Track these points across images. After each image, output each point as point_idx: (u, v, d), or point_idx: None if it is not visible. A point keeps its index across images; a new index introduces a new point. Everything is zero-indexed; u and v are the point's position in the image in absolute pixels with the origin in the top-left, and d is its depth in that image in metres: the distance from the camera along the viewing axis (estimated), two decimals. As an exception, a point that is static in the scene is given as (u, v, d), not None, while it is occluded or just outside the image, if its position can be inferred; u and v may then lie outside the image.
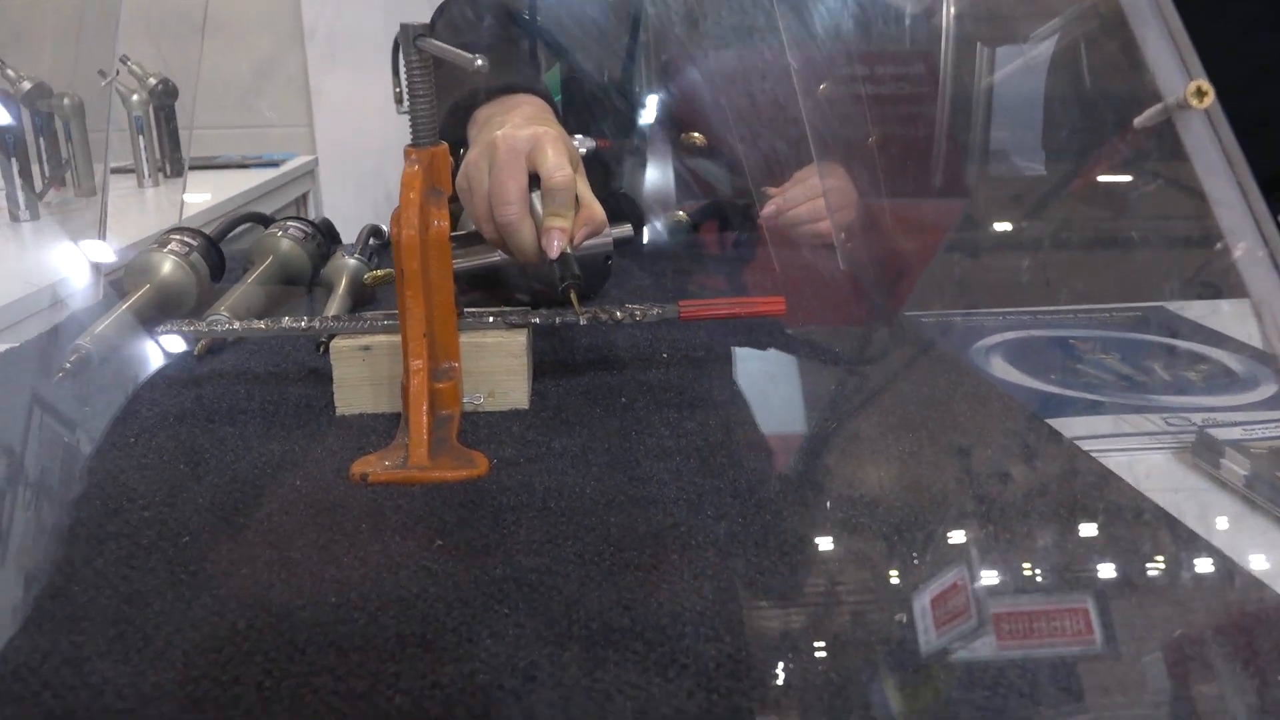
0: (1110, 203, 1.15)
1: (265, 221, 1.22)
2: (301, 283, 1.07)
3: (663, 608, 0.52)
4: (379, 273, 0.93)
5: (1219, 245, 0.62)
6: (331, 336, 0.89)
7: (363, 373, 0.77)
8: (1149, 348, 0.92)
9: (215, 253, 1.05)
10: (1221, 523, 0.58)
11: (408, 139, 0.73)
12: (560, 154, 0.81)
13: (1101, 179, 1.21)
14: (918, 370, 0.82)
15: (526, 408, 0.78)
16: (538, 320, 0.79)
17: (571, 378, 0.84)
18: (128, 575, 0.56)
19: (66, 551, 0.58)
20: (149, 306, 0.95)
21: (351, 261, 1.02)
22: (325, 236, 1.12)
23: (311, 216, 1.61)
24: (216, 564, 0.57)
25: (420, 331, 0.70)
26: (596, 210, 0.85)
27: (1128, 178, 1.17)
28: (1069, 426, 0.72)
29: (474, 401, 0.77)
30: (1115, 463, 0.65)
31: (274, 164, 2.09)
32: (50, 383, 0.83)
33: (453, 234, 1.00)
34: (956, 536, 0.57)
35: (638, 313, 0.80)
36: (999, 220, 1.15)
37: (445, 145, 0.75)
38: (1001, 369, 0.85)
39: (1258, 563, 0.54)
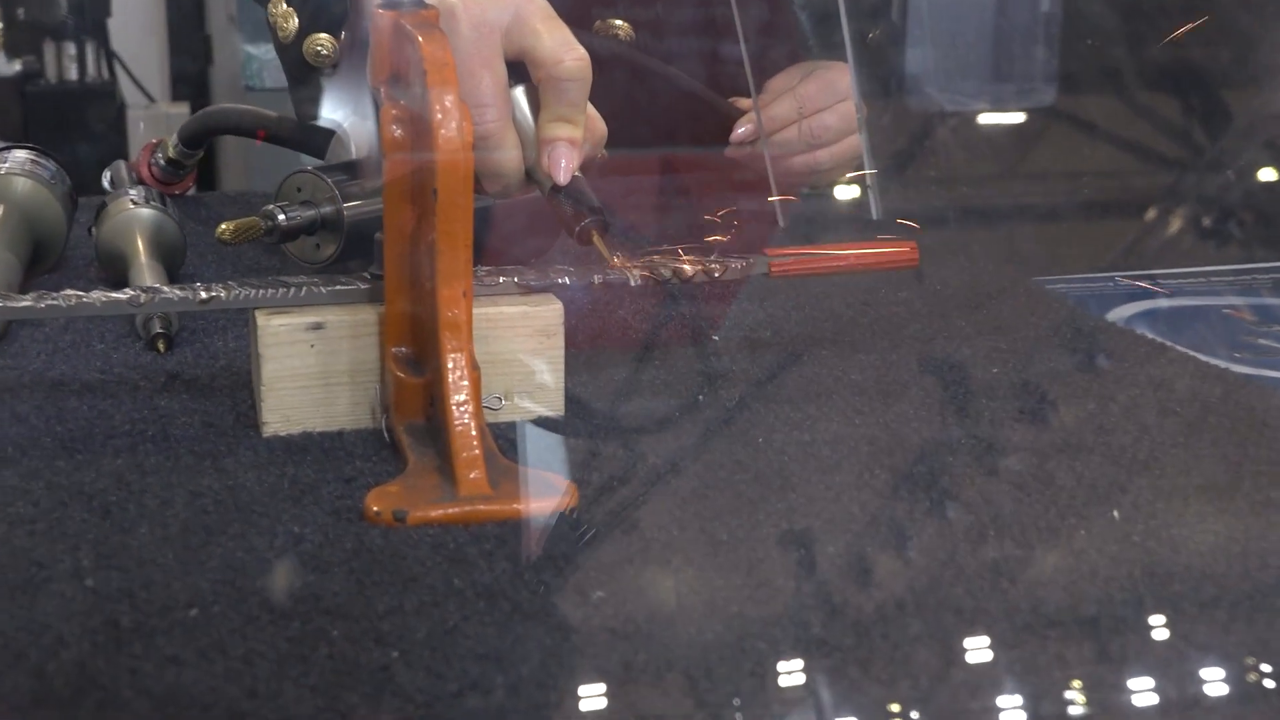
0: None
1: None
2: (55, 246, 1.02)
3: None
4: (242, 221, 0.91)
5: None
6: (170, 327, 0.88)
7: (310, 366, 0.76)
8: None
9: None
10: None
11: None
12: (559, 28, 0.83)
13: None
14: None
15: (563, 414, 0.80)
16: (567, 280, 0.82)
17: (597, 368, 0.86)
18: (179, 679, 0.54)
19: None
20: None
21: (146, 211, 0.99)
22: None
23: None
24: (289, 655, 0.56)
25: (460, 290, 0.71)
26: (598, 120, 0.88)
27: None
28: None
29: (487, 408, 0.78)
30: None
31: None
32: None
33: (326, 164, 1.00)
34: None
35: (715, 267, 0.84)
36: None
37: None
38: (1167, 344, 0.96)
39: None
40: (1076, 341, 0.93)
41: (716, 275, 0.84)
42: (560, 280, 0.82)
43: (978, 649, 0.57)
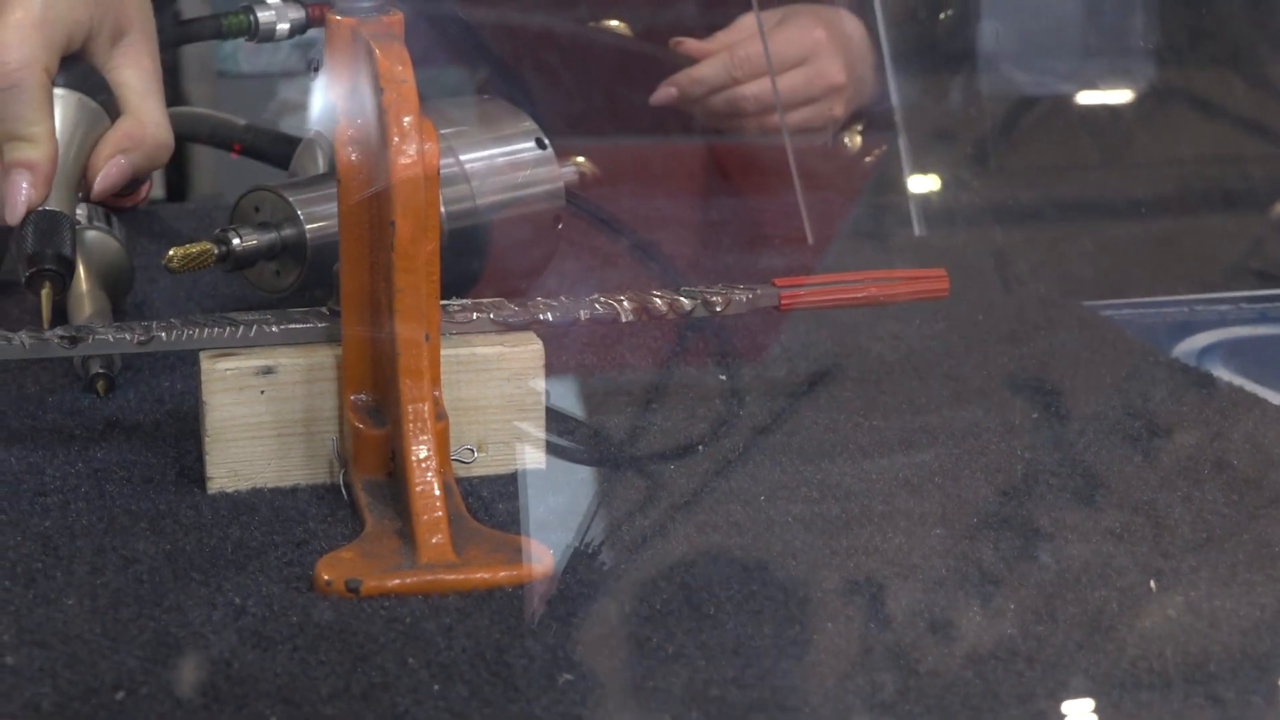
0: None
1: None
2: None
3: None
4: (192, 248, 0.95)
5: None
6: (112, 366, 0.92)
7: (260, 415, 0.80)
8: None
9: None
10: None
11: None
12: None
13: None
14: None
15: (543, 468, 0.84)
16: (549, 317, 0.85)
17: (584, 415, 0.90)
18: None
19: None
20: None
21: (89, 233, 1.03)
22: None
23: None
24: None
25: (421, 332, 0.75)
26: (149, 122, 0.87)
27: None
28: None
29: (458, 460, 0.82)
30: None
31: None
32: None
33: (290, 179, 1.04)
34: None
35: (717, 301, 0.87)
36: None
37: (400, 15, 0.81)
38: (1239, 384, 0.99)
39: None
40: (1131, 384, 0.95)
41: (719, 309, 0.87)
42: (542, 316, 0.85)
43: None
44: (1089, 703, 0.63)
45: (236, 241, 0.93)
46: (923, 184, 1.22)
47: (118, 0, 0.86)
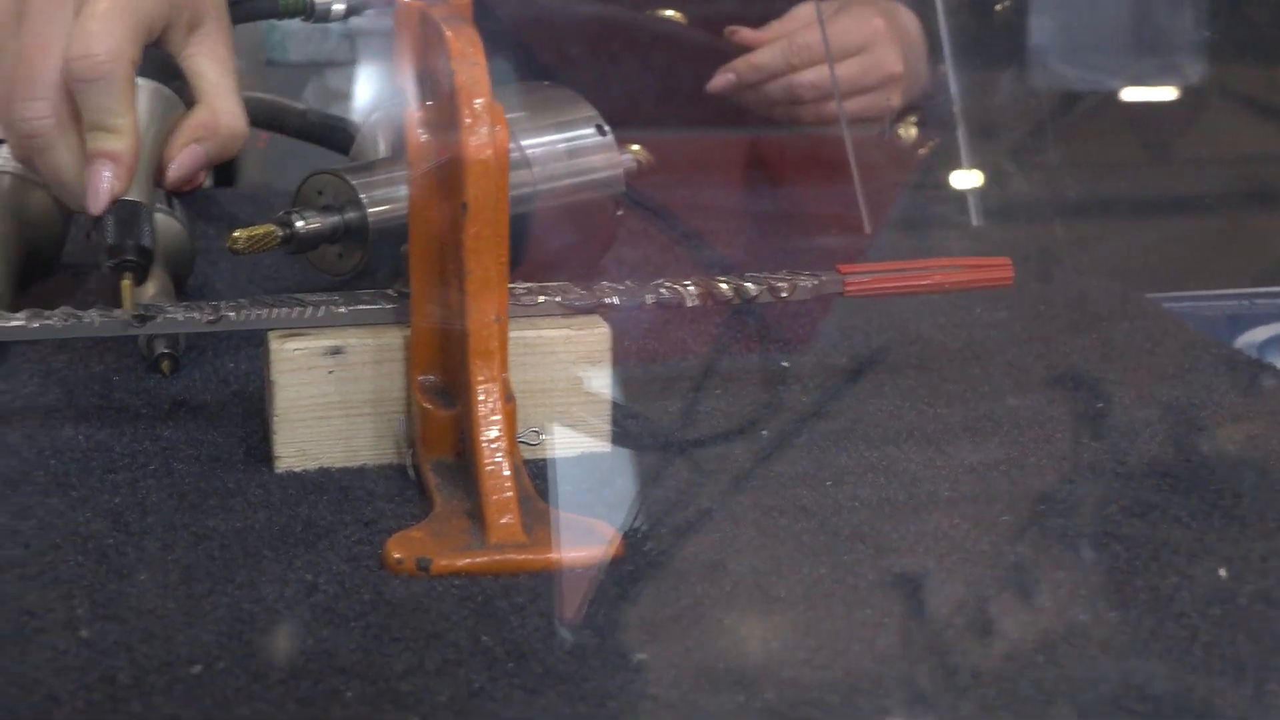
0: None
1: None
2: (49, 253, 1.08)
3: None
4: (256, 230, 0.96)
5: None
6: (177, 346, 0.92)
7: (328, 395, 0.81)
8: None
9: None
10: None
11: None
12: (96, 16, 0.82)
13: None
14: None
15: (610, 450, 0.84)
16: (616, 300, 0.86)
17: (649, 398, 0.90)
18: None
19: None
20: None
21: (158, 216, 1.04)
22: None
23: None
24: (299, 718, 0.60)
25: (492, 313, 0.75)
26: (223, 111, 0.89)
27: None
28: None
29: (525, 442, 0.82)
30: None
31: None
32: None
33: (351, 164, 1.05)
34: None
35: (782, 286, 0.88)
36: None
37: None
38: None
39: None
40: (1194, 375, 0.96)
41: (784, 295, 0.88)
42: (608, 300, 0.86)
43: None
44: (1161, 688, 0.63)
45: (300, 224, 0.94)
46: (980, 174, 1.22)
47: None
